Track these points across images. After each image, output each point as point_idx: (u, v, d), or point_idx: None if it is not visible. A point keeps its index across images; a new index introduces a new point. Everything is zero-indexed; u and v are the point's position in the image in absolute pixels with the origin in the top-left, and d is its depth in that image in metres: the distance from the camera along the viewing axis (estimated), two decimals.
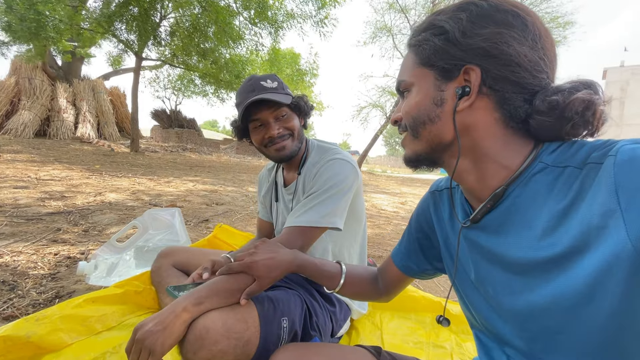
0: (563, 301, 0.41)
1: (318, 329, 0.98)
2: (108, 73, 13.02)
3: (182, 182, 5.08)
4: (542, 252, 0.44)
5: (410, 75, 0.55)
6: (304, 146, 1.15)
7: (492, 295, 0.53)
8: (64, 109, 9.69)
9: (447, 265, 0.67)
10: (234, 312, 0.81)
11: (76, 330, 1.01)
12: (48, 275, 1.52)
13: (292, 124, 1.08)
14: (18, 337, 0.89)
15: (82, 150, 7.87)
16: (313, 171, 1.07)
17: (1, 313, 1.19)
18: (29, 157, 5.75)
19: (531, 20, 0.48)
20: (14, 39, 6.84)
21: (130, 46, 8.44)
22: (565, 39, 11.47)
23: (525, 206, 0.47)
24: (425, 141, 0.53)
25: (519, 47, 0.46)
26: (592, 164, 0.41)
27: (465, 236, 0.58)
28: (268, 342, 0.83)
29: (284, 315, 0.89)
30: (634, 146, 0.38)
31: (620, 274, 0.36)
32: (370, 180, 10.87)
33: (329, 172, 1.03)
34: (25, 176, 3.94)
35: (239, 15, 8.68)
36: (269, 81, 1.05)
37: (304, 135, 1.15)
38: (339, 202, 1.01)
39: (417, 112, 0.53)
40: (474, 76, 0.48)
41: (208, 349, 0.74)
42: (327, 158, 1.06)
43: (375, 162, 35.05)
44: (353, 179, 1.04)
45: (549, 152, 0.47)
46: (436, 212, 0.68)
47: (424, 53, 0.52)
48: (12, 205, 2.62)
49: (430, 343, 1.25)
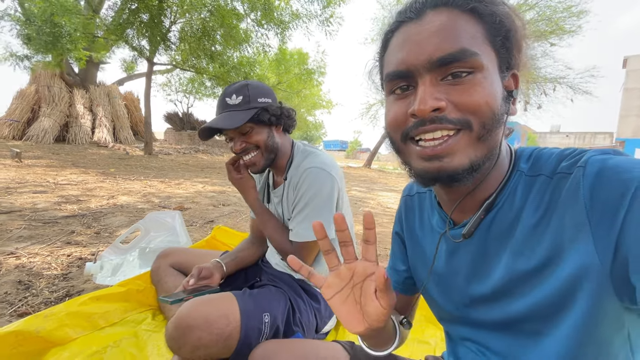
0: (540, 310, 0.42)
1: (301, 325, 1.04)
2: (122, 79, 13.41)
3: (192, 183, 5.23)
4: (520, 266, 0.44)
5: (480, 49, 0.41)
6: (288, 151, 1.14)
7: (468, 304, 0.52)
8: (81, 114, 10.07)
9: (415, 269, 0.66)
10: (215, 308, 0.88)
11: (81, 325, 1.11)
12: (60, 275, 1.64)
13: (256, 139, 1.04)
14: (28, 332, 0.99)
15: (98, 154, 8.17)
16: (295, 180, 1.07)
17: (17, 310, 1.30)
18: (48, 162, 6.03)
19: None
20: (33, 50, 7.16)
21: (142, 52, 8.68)
22: (580, 28, 11.08)
23: (506, 217, 0.46)
24: (487, 146, 0.42)
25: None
26: (562, 173, 0.41)
27: (445, 244, 0.55)
28: (249, 336, 0.89)
29: (265, 311, 0.96)
30: (602, 157, 0.38)
31: (588, 286, 0.37)
32: (380, 178, 10.84)
33: (306, 184, 1.03)
34: (44, 181, 4.15)
35: (246, 18, 8.80)
36: (234, 96, 1.03)
37: (279, 142, 1.10)
38: (322, 212, 1.01)
39: (497, 106, 0.41)
40: (516, 82, 0.45)
41: (191, 344, 0.82)
42: (304, 167, 1.05)
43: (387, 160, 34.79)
44: (331, 187, 1.03)
45: (524, 159, 0.47)
46: (407, 217, 0.67)
47: (499, 28, 0.42)
48: (30, 209, 2.78)
49: (415, 339, 1.29)
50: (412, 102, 0.42)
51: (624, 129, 22.95)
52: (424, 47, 0.41)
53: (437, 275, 0.58)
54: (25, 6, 7.26)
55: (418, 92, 0.41)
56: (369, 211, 0.43)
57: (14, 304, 1.34)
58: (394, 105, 0.46)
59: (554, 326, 0.41)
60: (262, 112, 1.03)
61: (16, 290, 1.45)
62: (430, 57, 0.40)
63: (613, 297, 0.36)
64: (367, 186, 7.95)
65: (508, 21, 0.42)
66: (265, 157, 1.08)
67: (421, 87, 0.41)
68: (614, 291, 0.36)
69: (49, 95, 9.82)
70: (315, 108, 20.53)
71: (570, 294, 0.39)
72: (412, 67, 0.42)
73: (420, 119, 0.41)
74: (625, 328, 0.40)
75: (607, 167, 0.36)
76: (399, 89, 0.45)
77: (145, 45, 8.62)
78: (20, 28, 6.78)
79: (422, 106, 0.40)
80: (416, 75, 0.42)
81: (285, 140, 1.14)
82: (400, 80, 0.44)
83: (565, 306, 0.40)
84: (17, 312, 1.29)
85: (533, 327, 0.44)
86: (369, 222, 0.43)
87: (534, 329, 0.44)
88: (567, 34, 11.25)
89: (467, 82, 0.40)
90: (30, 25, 6.41)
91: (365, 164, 16.55)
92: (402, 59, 0.43)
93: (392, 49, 0.46)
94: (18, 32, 6.87)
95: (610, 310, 0.38)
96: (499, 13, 0.41)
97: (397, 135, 0.46)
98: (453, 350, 0.61)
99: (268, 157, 1.08)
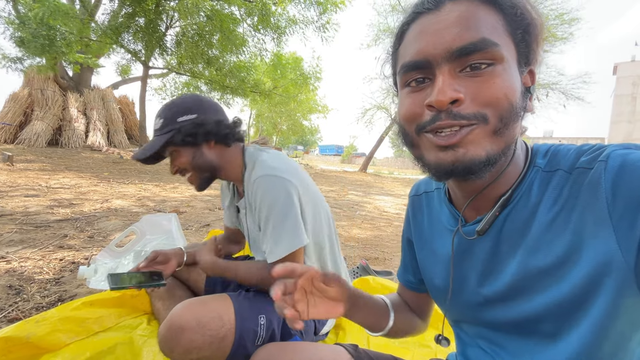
0: (557, 309, 0.41)
1: (298, 330, 1.02)
2: (117, 82, 13.34)
3: (187, 187, 5.18)
4: (536, 263, 0.43)
5: (501, 40, 0.39)
6: (237, 161, 1.06)
7: (482, 303, 0.51)
8: (75, 118, 9.97)
9: (425, 269, 0.64)
10: (209, 309, 0.86)
11: (74, 331, 1.07)
12: (52, 279, 1.60)
13: (179, 161, 1.00)
14: (18, 337, 0.95)
15: (92, 158, 8.08)
16: (249, 193, 1.01)
17: (7, 316, 1.26)
18: (41, 165, 5.94)
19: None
20: (27, 53, 7.10)
21: (138, 56, 8.66)
22: (571, 35, 11.33)
23: (520, 214, 0.45)
24: (504, 140, 0.41)
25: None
26: (581, 168, 0.40)
27: (456, 242, 0.54)
28: (244, 339, 0.87)
29: (261, 313, 0.93)
30: (624, 151, 0.37)
31: (610, 283, 0.36)
32: (376, 182, 10.86)
33: (259, 196, 0.95)
34: (36, 185, 4.08)
35: (243, 22, 8.83)
36: (157, 120, 0.98)
37: (211, 159, 1.02)
38: (285, 223, 0.93)
39: (516, 99, 0.40)
40: (532, 78, 0.44)
41: (184, 347, 0.79)
42: (253, 178, 0.98)
43: (382, 164, 34.93)
44: (286, 192, 0.94)
45: (541, 155, 0.46)
46: (415, 217, 0.66)
47: (520, 20, 0.41)
48: (22, 213, 2.73)
49: (416, 342, 1.27)
50: (428, 94, 0.41)
51: (615, 135, 23.35)
52: (443, 36, 0.39)
53: (448, 274, 0.56)
54: (19, 9, 7.21)
55: (436, 83, 0.40)
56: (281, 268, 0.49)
57: (3, 309, 1.30)
58: (408, 98, 0.44)
59: (572, 324, 0.40)
60: (176, 134, 0.95)
61: (6, 295, 1.41)
62: (450, 47, 0.39)
63: (636, 293, 0.35)
64: (364, 190, 7.96)
65: (528, 14, 0.41)
66: (199, 177, 1.03)
67: (439, 77, 0.40)
68: (637, 287, 0.35)
69: (42, 98, 9.72)
70: (311, 113, 20.60)
71: (590, 291, 0.38)
72: (430, 57, 0.40)
73: (437, 111, 0.40)
74: None
75: (630, 161, 0.35)
76: (414, 82, 0.44)
77: (141, 49, 8.60)
78: (13, 31, 6.71)
79: (440, 97, 0.38)
80: (434, 66, 0.41)
81: (227, 153, 1.04)
82: (417, 71, 0.42)
83: (584, 304, 0.39)
84: (7, 318, 1.25)
85: (550, 326, 0.43)
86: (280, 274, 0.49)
87: (551, 328, 0.43)
88: (560, 40, 11.49)
89: (487, 74, 0.39)
90: (25, 28, 6.36)
91: (361, 169, 16.59)
92: (419, 49, 0.41)
93: (409, 40, 0.44)
94: (11, 35, 6.80)
95: (631, 307, 0.37)
96: (520, 5, 0.40)
97: (412, 127, 0.44)
98: (463, 351, 0.59)
99: (202, 177, 1.03)
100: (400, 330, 0.68)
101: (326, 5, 8.76)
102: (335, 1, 8.82)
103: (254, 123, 25.22)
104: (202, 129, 0.96)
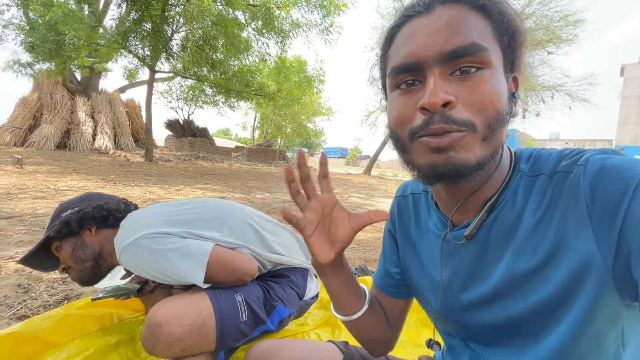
0: (541, 309, 0.42)
1: (279, 299, 1.03)
2: (124, 86, 13.56)
3: (191, 189, 5.25)
4: (521, 266, 0.43)
5: (489, 45, 0.40)
6: (104, 251, 1.01)
7: (467, 306, 0.52)
8: (83, 121, 10.17)
9: (408, 271, 0.63)
10: (183, 302, 0.88)
11: (78, 328, 1.12)
12: (59, 279, 1.66)
13: (62, 256, 0.98)
14: (26, 333, 1.00)
15: (99, 160, 8.21)
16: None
17: (15, 313, 1.31)
18: (49, 168, 6.07)
19: None
20: (36, 58, 7.27)
21: (144, 60, 8.80)
22: (576, 37, 11.24)
23: (507, 218, 0.46)
24: (492, 145, 0.42)
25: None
26: (562, 172, 0.41)
27: (445, 247, 0.54)
28: (228, 318, 0.89)
29: (236, 292, 0.95)
30: (601, 156, 0.38)
31: (590, 283, 0.37)
32: (379, 185, 10.86)
33: (136, 268, 0.91)
34: (45, 187, 4.17)
35: (247, 27, 8.94)
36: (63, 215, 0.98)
37: (92, 245, 1.00)
38: (166, 263, 0.88)
39: (502, 105, 0.41)
40: (516, 85, 0.46)
41: (164, 342, 0.81)
42: (119, 259, 0.93)
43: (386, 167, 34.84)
44: (148, 250, 0.88)
45: (524, 159, 0.47)
46: (400, 217, 0.65)
47: (507, 27, 0.42)
48: (31, 214, 2.80)
49: (411, 342, 1.30)
50: (420, 96, 0.41)
51: (623, 136, 23.02)
52: (434, 39, 0.40)
53: (434, 278, 0.57)
54: (29, 15, 7.40)
55: (428, 85, 0.40)
56: (324, 152, 0.49)
57: (13, 307, 1.36)
58: (398, 101, 0.44)
59: (554, 324, 0.42)
60: (56, 227, 0.96)
61: (15, 293, 1.47)
62: (441, 50, 0.39)
63: (614, 293, 0.37)
64: (367, 193, 7.97)
65: (514, 22, 0.42)
66: (79, 270, 0.98)
67: (431, 79, 0.40)
68: (615, 288, 0.36)
69: (51, 102, 9.92)
70: (315, 115, 20.64)
71: (571, 290, 0.39)
72: (421, 59, 0.41)
73: (429, 114, 0.40)
74: (620, 323, 0.40)
75: (608, 165, 0.37)
76: (404, 84, 0.44)
77: (147, 54, 8.74)
78: (24, 36, 6.89)
79: (433, 99, 0.38)
80: (425, 68, 0.41)
81: (112, 235, 1.00)
82: (407, 74, 0.43)
83: (566, 303, 0.40)
84: (16, 315, 1.30)
85: (533, 326, 0.44)
86: (324, 158, 0.51)
87: (534, 328, 0.44)
88: (564, 42, 11.42)
89: (476, 79, 0.39)
90: (35, 34, 6.52)
91: (365, 171, 16.60)
92: (410, 51, 0.42)
93: (399, 42, 0.44)
94: (22, 40, 6.99)
95: (609, 306, 0.38)
96: (507, 13, 0.41)
97: (404, 132, 0.44)
98: (450, 349, 0.61)
99: (82, 268, 0.98)
100: (366, 325, 0.63)
101: (329, 8, 8.83)
102: (338, 4, 8.89)
103: (258, 126, 25.38)
104: (78, 215, 0.97)
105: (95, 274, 1.01)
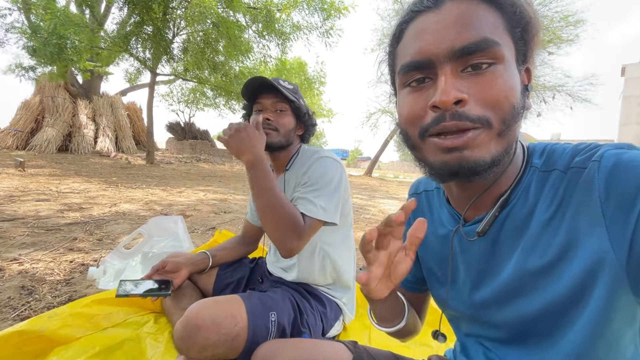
0: (553, 308, 0.41)
1: (308, 327, 1.04)
2: (125, 89, 13.59)
3: (193, 191, 5.25)
4: (532, 263, 0.43)
5: (501, 39, 0.39)
6: (293, 148, 1.19)
7: (479, 303, 0.51)
8: (84, 124, 10.18)
9: (427, 268, 0.64)
10: (222, 309, 0.89)
11: (84, 326, 1.12)
12: (63, 280, 1.65)
13: (283, 121, 1.12)
14: (32, 331, 1.00)
15: (101, 163, 8.23)
16: (302, 169, 1.10)
17: (19, 315, 1.31)
18: (51, 171, 6.07)
19: None
20: (38, 62, 7.30)
21: (146, 63, 8.83)
22: (577, 37, 11.23)
23: (519, 214, 0.45)
24: (507, 141, 0.41)
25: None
26: (576, 168, 0.40)
27: (456, 242, 0.54)
28: (257, 335, 0.90)
29: (272, 310, 0.96)
30: (617, 151, 0.37)
31: (603, 281, 0.37)
32: (380, 186, 10.85)
33: (319, 169, 1.06)
34: (47, 189, 4.18)
35: (248, 29, 8.96)
36: (287, 82, 1.15)
37: (294, 138, 1.19)
38: (333, 197, 1.03)
39: (516, 100, 0.40)
40: (529, 77, 0.44)
41: (200, 344, 0.83)
42: (316, 157, 1.10)
43: (387, 168, 34.81)
44: (340, 174, 1.08)
45: (537, 154, 0.46)
46: (415, 215, 0.65)
47: (519, 19, 0.41)
48: (33, 217, 2.80)
49: (417, 342, 1.29)
50: (431, 94, 0.40)
51: (625, 137, 22.97)
52: (444, 35, 0.39)
53: (446, 274, 0.57)
54: (31, 19, 7.43)
55: (439, 83, 0.39)
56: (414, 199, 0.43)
57: (17, 308, 1.35)
58: (408, 99, 0.44)
59: (568, 324, 0.41)
60: (303, 107, 1.17)
61: (19, 295, 1.46)
62: (452, 46, 0.38)
63: (628, 291, 0.36)
64: (369, 194, 7.96)
65: (527, 13, 0.40)
66: (278, 138, 1.12)
67: (442, 77, 0.39)
68: (629, 286, 0.35)
69: (53, 105, 9.95)
70: (316, 117, 20.59)
71: (585, 288, 0.38)
72: (432, 56, 0.40)
73: (441, 112, 0.39)
74: (637, 322, 0.39)
75: (623, 161, 0.36)
76: (414, 82, 0.43)
77: (149, 57, 8.77)
78: (26, 40, 6.92)
79: (444, 97, 0.38)
80: (436, 66, 0.40)
81: (296, 143, 1.21)
82: (417, 71, 0.42)
83: (579, 302, 0.39)
84: (20, 317, 1.29)
85: (547, 326, 0.43)
86: (409, 208, 0.42)
87: (548, 327, 0.43)
88: (565, 42, 11.40)
89: (489, 74, 0.38)
90: (36, 38, 6.55)
91: (366, 173, 16.58)
92: (420, 48, 0.41)
93: (408, 39, 0.43)
94: (24, 44, 7.01)
95: (624, 305, 0.37)
96: (518, 3, 0.40)
97: (415, 130, 0.43)
98: (463, 347, 0.60)
99: (281, 140, 1.13)
100: (407, 330, 0.64)
101: (330, 11, 8.85)
102: (339, 7, 8.90)
103: None
104: (305, 112, 1.19)
105: (273, 148, 1.13)
